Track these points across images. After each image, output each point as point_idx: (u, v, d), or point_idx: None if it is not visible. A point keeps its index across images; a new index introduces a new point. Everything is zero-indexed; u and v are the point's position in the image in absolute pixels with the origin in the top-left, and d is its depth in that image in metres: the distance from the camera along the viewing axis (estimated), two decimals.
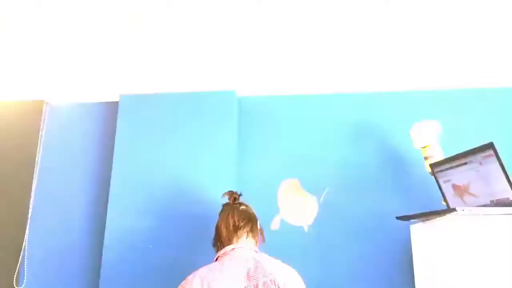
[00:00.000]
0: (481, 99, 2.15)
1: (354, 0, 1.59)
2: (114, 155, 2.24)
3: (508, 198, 1.44)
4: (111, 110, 2.41)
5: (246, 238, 1.61)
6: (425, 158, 1.87)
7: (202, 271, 1.54)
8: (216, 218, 2.08)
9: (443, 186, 1.72)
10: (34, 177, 2.34)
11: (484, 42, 1.87)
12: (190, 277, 1.54)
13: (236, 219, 1.62)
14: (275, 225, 2.12)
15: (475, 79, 2.16)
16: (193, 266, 2.03)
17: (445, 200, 1.74)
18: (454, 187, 1.65)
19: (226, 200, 1.81)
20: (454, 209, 1.42)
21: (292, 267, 1.60)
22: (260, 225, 1.69)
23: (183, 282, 1.53)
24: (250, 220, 1.64)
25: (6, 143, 2.39)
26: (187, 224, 2.09)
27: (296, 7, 1.64)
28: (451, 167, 1.65)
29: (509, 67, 2.10)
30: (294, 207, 2.12)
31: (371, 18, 1.70)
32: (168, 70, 2.21)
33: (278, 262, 1.59)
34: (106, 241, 2.12)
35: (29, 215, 2.29)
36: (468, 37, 1.84)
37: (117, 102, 2.35)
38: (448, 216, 1.45)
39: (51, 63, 2.14)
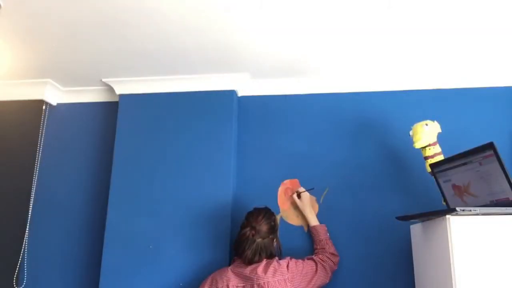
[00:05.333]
0: (481, 99, 2.15)
1: (355, 1, 1.59)
2: (114, 155, 2.24)
3: (508, 198, 1.44)
4: (111, 110, 2.41)
5: None
6: (425, 158, 1.87)
7: (216, 272, 1.87)
8: (215, 217, 2.10)
9: (443, 186, 1.72)
10: (34, 177, 2.34)
11: (484, 42, 1.87)
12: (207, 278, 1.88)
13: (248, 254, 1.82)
14: None
15: (475, 79, 2.16)
16: (193, 266, 2.05)
17: (445, 200, 1.74)
18: (454, 187, 1.65)
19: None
20: (454, 209, 1.42)
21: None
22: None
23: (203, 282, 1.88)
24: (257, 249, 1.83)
25: (6, 143, 2.39)
26: (187, 224, 2.09)
27: (298, 6, 1.64)
28: (451, 167, 1.65)
29: (508, 67, 2.10)
30: (294, 207, 2.13)
31: (371, 18, 1.70)
32: (168, 70, 2.21)
33: (273, 265, 1.80)
34: (106, 241, 2.12)
35: (29, 215, 2.29)
36: (468, 37, 1.83)
37: (117, 102, 2.35)
38: (448, 216, 1.45)
39: (51, 63, 2.15)
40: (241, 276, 1.79)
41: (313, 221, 2.03)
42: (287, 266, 1.81)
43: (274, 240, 1.88)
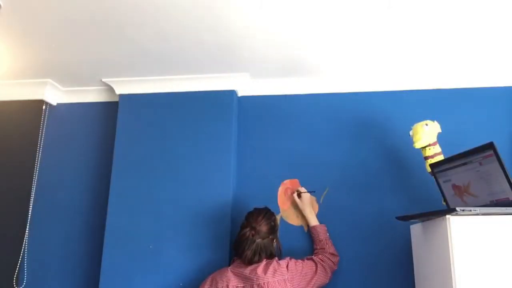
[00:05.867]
0: (481, 99, 2.15)
1: (355, 1, 1.59)
2: (114, 155, 2.24)
3: (508, 198, 1.44)
4: (111, 110, 2.40)
5: None
6: (425, 158, 1.86)
7: (216, 272, 1.87)
8: (215, 217, 2.10)
9: (443, 186, 1.72)
10: (34, 177, 2.34)
11: (484, 42, 1.87)
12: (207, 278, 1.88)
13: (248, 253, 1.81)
14: None
15: (475, 79, 2.16)
16: (193, 266, 2.05)
17: (445, 200, 1.74)
18: (454, 187, 1.65)
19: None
20: (454, 209, 1.42)
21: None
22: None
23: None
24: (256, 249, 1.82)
25: (6, 143, 2.39)
26: (187, 224, 2.09)
27: (298, 6, 1.64)
28: (451, 167, 1.65)
29: (508, 67, 2.10)
30: (294, 207, 2.13)
31: (371, 18, 1.70)
32: (168, 70, 2.21)
33: (273, 265, 1.78)
34: (106, 241, 2.12)
35: (29, 215, 2.29)
36: (468, 37, 1.83)
37: (117, 102, 2.35)
38: (448, 216, 1.45)
39: (51, 63, 2.15)
40: (241, 276, 1.79)
41: (313, 221, 2.03)
42: (287, 266, 1.81)
43: (274, 240, 1.88)
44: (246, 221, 1.87)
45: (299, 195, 2.07)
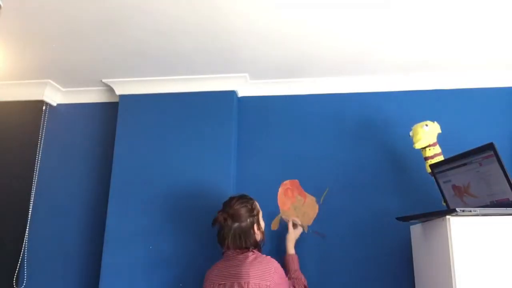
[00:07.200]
0: (481, 99, 2.15)
1: (351, 1, 1.59)
2: (114, 155, 2.24)
3: (507, 199, 1.44)
4: (111, 110, 2.40)
5: None
6: (425, 158, 1.86)
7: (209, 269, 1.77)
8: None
9: (443, 186, 1.72)
10: (34, 177, 2.34)
11: (484, 42, 1.87)
12: None
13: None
14: (275, 225, 2.12)
15: (475, 79, 2.16)
16: (193, 266, 2.05)
17: (445, 201, 1.74)
18: (454, 187, 1.65)
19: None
20: (454, 210, 1.42)
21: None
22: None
23: None
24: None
25: (6, 143, 2.39)
26: (187, 224, 2.09)
27: (297, 7, 1.64)
28: (451, 168, 1.65)
29: (508, 67, 2.10)
30: (294, 208, 2.13)
31: (371, 18, 1.70)
32: (168, 70, 2.21)
33: (249, 261, 1.64)
34: (106, 241, 2.12)
35: (29, 215, 2.29)
36: (468, 38, 1.83)
37: (117, 102, 2.35)
38: (448, 216, 1.45)
39: (51, 63, 2.15)
40: (224, 271, 1.67)
41: (291, 249, 1.91)
42: (275, 271, 1.63)
43: (255, 226, 1.75)
44: (221, 208, 1.78)
45: (294, 225, 1.97)
